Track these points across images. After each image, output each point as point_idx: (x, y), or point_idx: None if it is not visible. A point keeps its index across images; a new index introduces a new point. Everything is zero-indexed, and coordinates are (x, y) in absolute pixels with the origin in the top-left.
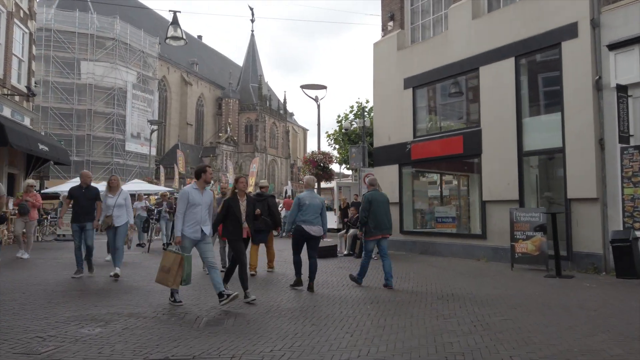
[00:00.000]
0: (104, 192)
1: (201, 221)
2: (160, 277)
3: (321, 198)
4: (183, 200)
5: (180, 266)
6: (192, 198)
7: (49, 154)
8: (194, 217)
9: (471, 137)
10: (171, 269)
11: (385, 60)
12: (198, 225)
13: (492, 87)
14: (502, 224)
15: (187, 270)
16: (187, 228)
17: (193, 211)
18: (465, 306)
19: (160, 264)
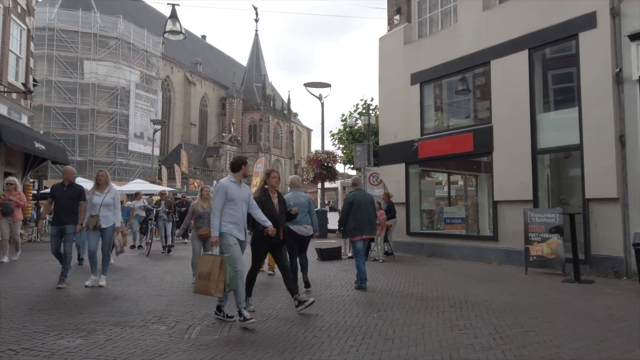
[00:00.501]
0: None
1: (242, 220)
2: (199, 287)
3: (307, 196)
4: (220, 195)
5: (221, 269)
6: (231, 192)
7: (46, 153)
8: (234, 214)
9: (482, 134)
10: (211, 274)
11: (391, 56)
12: (240, 223)
13: (504, 81)
14: (515, 226)
15: (230, 273)
16: (229, 226)
17: (232, 208)
18: (481, 315)
19: (198, 272)
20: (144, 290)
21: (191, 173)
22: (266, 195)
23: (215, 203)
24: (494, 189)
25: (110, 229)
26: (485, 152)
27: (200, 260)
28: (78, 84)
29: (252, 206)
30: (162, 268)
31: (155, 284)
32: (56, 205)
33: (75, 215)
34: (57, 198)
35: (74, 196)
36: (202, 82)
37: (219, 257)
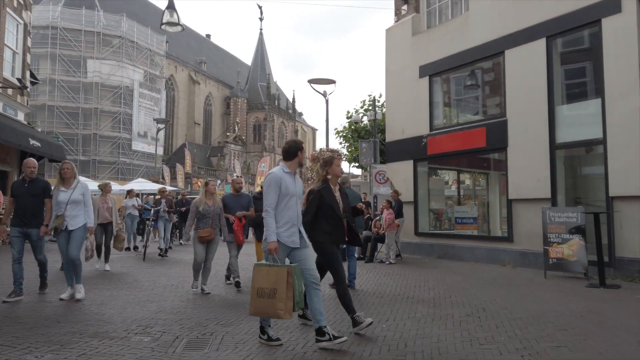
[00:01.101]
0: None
1: (297, 219)
2: (260, 307)
3: None
4: (273, 189)
5: (289, 284)
6: (285, 186)
7: (41, 150)
8: (288, 213)
9: (495, 128)
10: (277, 291)
11: (398, 47)
12: (294, 225)
13: (520, 72)
14: (532, 226)
15: (299, 288)
16: (279, 229)
17: (286, 205)
18: (503, 326)
19: (252, 288)
20: (133, 295)
21: (195, 172)
22: (327, 189)
23: (268, 199)
24: (509, 187)
25: (80, 230)
26: (499, 147)
27: (258, 271)
28: (81, 83)
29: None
30: (157, 270)
31: (146, 288)
32: (17, 205)
33: (39, 217)
34: (17, 196)
35: (37, 193)
36: (207, 81)
37: (284, 268)
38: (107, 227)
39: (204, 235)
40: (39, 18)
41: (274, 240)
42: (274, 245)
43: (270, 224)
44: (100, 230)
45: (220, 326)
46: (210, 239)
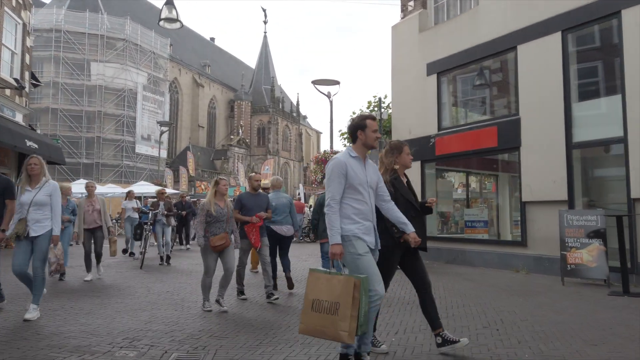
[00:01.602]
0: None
1: (372, 215)
2: (314, 324)
3: (288, 197)
4: (336, 178)
5: (354, 298)
6: (353, 173)
7: (38, 152)
8: (359, 208)
9: (507, 127)
10: (340, 306)
11: (405, 45)
12: (369, 221)
13: (534, 68)
14: (547, 229)
15: (365, 306)
16: (351, 226)
17: (356, 198)
18: (525, 341)
19: (305, 299)
20: (124, 303)
21: (198, 176)
22: (398, 180)
23: (330, 191)
24: (522, 189)
25: (44, 237)
26: (512, 147)
27: (315, 280)
28: (85, 86)
29: (383, 196)
30: (154, 276)
31: (139, 295)
32: None
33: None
34: None
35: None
36: (211, 84)
37: (351, 279)
38: (95, 233)
39: (219, 243)
40: (42, 21)
41: (338, 242)
42: (338, 249)
43: (333, 222)
44: (88, 237)
45: (215, 339)
46: (227, 246)
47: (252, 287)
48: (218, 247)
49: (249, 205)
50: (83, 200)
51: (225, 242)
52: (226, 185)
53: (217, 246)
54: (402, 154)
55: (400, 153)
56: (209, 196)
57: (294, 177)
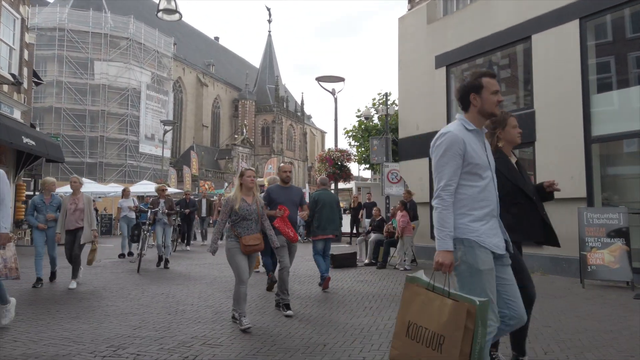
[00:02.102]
0: None
1: (497, 208)
2: (409, 354)
3: None
4: (451, 158)
5: (466, 330)
6: (473, 152)
7: (35, 149)
8: (483, 197)
9: (521, 121)
10: (445, 341)
11: (412, 37)
12: (494, 217)
13: (549, 58)
14: (564, 228)
15: (481, 339)
16: (471, 225)
17: (476, 185)
18: (552, 351)
19: (399, 318)
20: (115, 306)
21: (202, 175)
22: (504, 160)
23: (444, 176)
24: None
25: None
26: (526, 142)
27: (414, 296)
28: (88, 85)
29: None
30: (150, 276)
31: (132, 298)
32: None
33: None
34: None
35: None
36: (215, 83)
37: (463, 305)
38: (77, 235)
39: (252, 243)
40: (46, 20)
41: (450, 248)
42: (449, 258)
43: (446, 220)
44: (70, 240)
45: (207, 347)
46: (260, 249)
47: (251, 288)
48: (251, 247)
49: (279, 199)
50: (66, 198)
51: (260, 245)
52: (252, 177)
53: (249, 246)
54: (507, 127)
55: (505, 127)
56: (235, 191)
57: (298, 176)
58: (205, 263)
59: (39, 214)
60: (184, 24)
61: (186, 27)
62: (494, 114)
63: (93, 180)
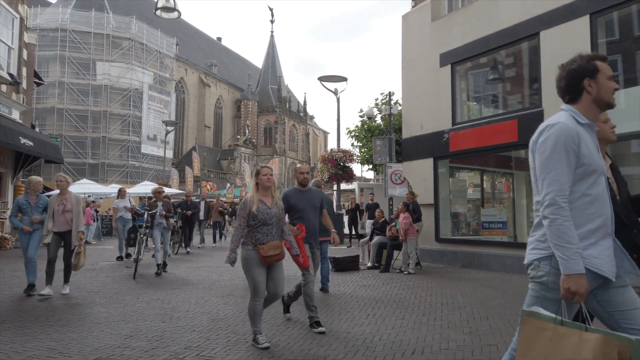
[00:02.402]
0: None
1: (612, 223)
2: None
3: None
4: (566, 154)
5: None
6: (587, 150)
7: (33, 150)
8: (597, 208)
9: (529, 120)
10: None
11: (416, 35)
12: (609, 235)
13: (559, 55)
14: None
15: None
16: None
17: (587, 192)
18: None
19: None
20: (107, 312)
21: (204, 176)
22: None
23: (556, 177)
24: None
25: None
26: None
27: (535, 332)
28: (90, 86)
29: None
30: (146, 280)
31: (126, 303)
32: None
33: None
34: None
35: None
36: (217, 84)
37: (610, 340)
38: (65, 237)
39: (272, 253)
40: (48, 21)
41: (582, 271)
42: (583, 285)
43: (569, 233)
44: (56, 242)
45: (201, 359)
46: (281, 258)
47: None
48: (271, 258)
49: (299, 204)
50: (52, 198)
51: (280, 254)
52: (269, 175)
53: (269, 257)
54: (598, 122)
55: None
56: (251, 192)
57: None
58: (205, 266)
59: (24, 216)
60: (186, 25)
61: (188, 28)
62: (610, 105)
63: (95, 181)
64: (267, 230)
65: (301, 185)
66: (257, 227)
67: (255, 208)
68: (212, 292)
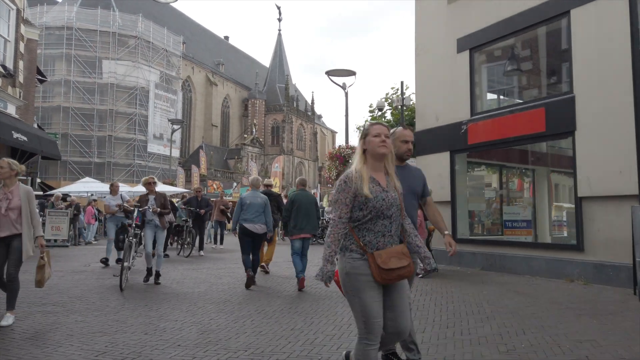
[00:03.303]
0: None
1: None
2: None
3: (264, 197)
4: None
5: None
6: None
7: (27, 145)
8: None
9: (558, 108)
10: None
11: (431, 19)
12: None
13: (592, 36)
14: (611, 231)
15: None
16: None
17: None
18: None
19: None
20: (85, 321)
21: (211, 175)
22: None
23: None
24: (578, 182)
25: None
26: (564, 132)
27: None
28: (96, 84)
29: None
30: (137, 284)
31: (108, 311)
32: None
33: None
34: None
35: None
36: (224, 82)
37: None
38: (12, 244)
39: (397, 266)
40: (55, 19)
41: None
42: None
43: None
44: (1, 251)
45: None
46: (410, 272)
47: (249, 297)
48: (393, 273)
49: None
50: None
51: (409, 267)
52: (385, 137)
53: (390, 271)
54: None
55: None
56: (355, 163)
57: (308, 176)
58: (203, 267)
59: None
60: (193, 23)
61: (195, 26)
62: None
63: (101, 180)
64: (385, 227)
65: (400, 161)
66: (369, 222)
67: (366, 189)
68: (207, 297)
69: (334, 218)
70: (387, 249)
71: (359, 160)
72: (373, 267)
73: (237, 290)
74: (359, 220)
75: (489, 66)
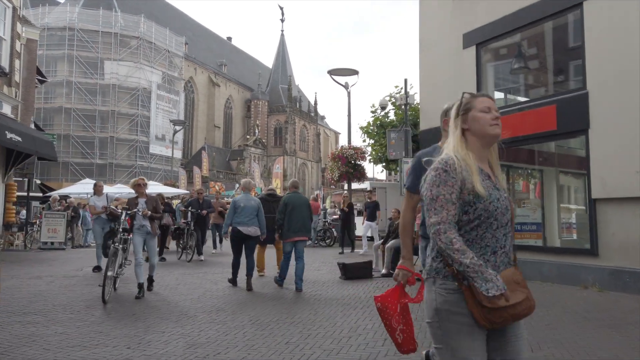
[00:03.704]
0: None
1: None
2: None
3: (257, 200)
4: None
5: None
6: None
7: (21, 145)
8: None
9: (570, 105)
10: None
11: (435, 14)
12: None
13: (606, 28)
14: (628, 234)
15: None
16: None
17: None
18: None
19: None
20: (66, 333)
21: (213, 176)
22: None
23: None
24: (591, 182)
25: None
26: (576, 130)
27: None
28: (98, 85)
29: None
30: (129, 291)
31: (92, 321)
32: None
33: None
34: None
35: None
36: (227, 83)
37: None
38: None
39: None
40: (56, 19)
41: None
42: None
43: None
44: None
45: None
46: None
47: (244, 305)
48: (506, 315)
49: None
50: None
51: (527, 303)
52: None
53: (502, 310)
54: None
55: None
56: (453, 148)
57: (311, 177)
58: (200, 272)
59: None
60: (195, 24)
61: (198, 27)
62: None
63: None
64: (497, 241)
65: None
66: (473, 232)
67: (479, 184)
68: (199, 306)
69: (433, 223)
70: (509, 269)
71: (458, 143)
72: (472, 304)
73: (232, 296)
74: (466, 227)
75: (496, 63)
